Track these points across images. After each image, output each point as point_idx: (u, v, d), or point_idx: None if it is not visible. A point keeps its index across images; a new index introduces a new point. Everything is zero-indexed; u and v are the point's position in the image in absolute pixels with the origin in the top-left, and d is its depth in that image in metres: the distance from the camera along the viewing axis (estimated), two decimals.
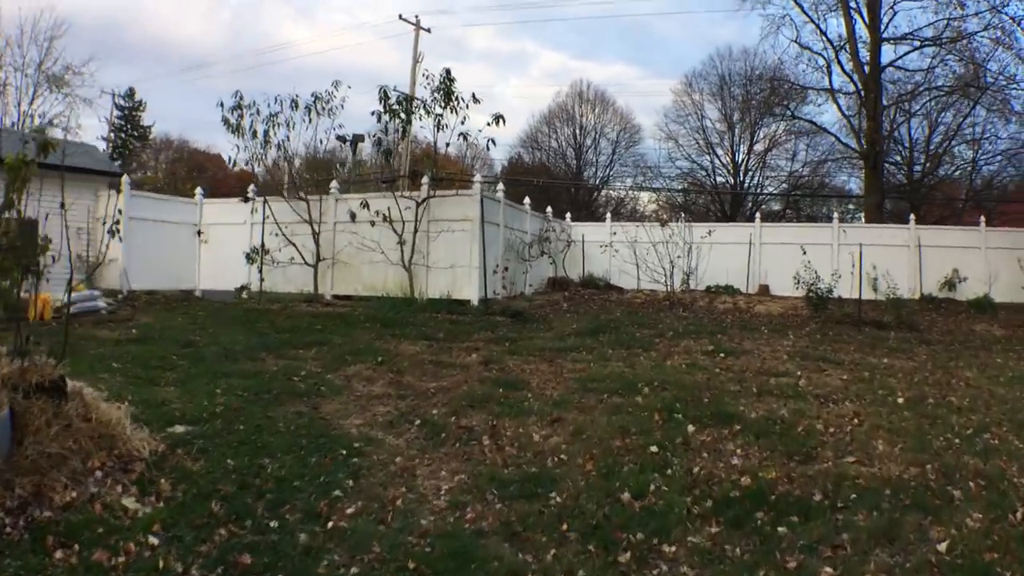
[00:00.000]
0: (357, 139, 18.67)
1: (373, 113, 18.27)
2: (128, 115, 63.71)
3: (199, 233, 22.57)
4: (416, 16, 37.86)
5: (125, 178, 21.06)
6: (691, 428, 7.47)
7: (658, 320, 16.88)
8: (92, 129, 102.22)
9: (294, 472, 6.25)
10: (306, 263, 19.99)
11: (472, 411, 8.10)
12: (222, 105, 19.70)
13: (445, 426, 7.56)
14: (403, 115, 18.23)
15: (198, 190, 23.66)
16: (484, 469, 6.35)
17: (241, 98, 19.76)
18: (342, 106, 19.50)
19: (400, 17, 38.01)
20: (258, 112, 19.81)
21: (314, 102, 19.51)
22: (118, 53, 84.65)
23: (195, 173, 53.77)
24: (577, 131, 56.30)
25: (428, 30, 38.89)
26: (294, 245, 20.06)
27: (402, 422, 7.74)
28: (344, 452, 6.75)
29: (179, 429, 7.44)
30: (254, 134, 19.88)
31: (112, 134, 61.49)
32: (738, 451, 6.90)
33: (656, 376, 10.00)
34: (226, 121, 19.67)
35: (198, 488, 5.84)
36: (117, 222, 9.16)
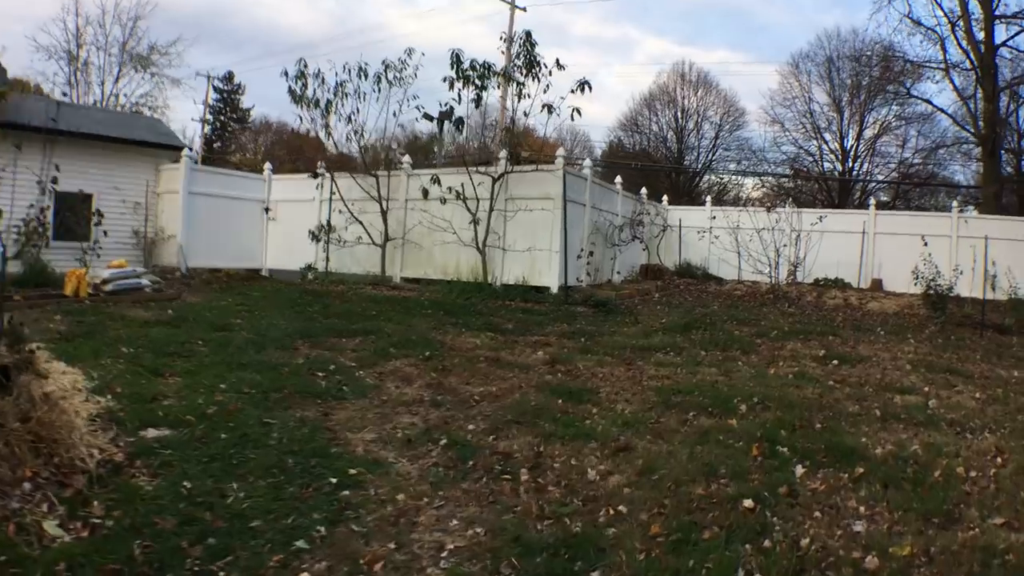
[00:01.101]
0: (445, 115, 16.95)
1: (445, 80, 16.63)
2: (227, 98, 64.40)
3: (267, 210, 21.33)
4: None
5: (186, 151, 19.91)
6: (799, 469, 5.50)
7: (760, 316, 14.80)
8: (187, 111, 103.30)
9: (260, 506, 4.66)
10: (374, 243, 18.53)
11: (517, 429, 6.33)
12: (286, 74, 18.34)
13: (477, 450, 5.81)
14: (477, 81, 16.50)
15: (266, 165, 22.47)
16: (511, 521, 4.54)
17: (305, 66, 18.35)
18: (415, 75, 17.97)
19: None
20: (323, 81, 18.37)
21: (385, 70, 17.96)
22: (222, 38, 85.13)
23: (294, 155, 53.20)
24: (679, 114, 53.55)
25: (524, 9, 37.06)
26: (361, 223, 18.63)
27: (424, 440, 6.02)
28: (334, 481, 5.09)
29: (152, 433, 6.12)
30: (316, 103, 18.43)
31: (211, 116, 61.83)
32: (861, 508, 4.93)
33: (756, 389, 8.06)
34: (291, 91, 18.29)
35: (134, 517, 4.43)
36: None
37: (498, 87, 16.94)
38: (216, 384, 7.58)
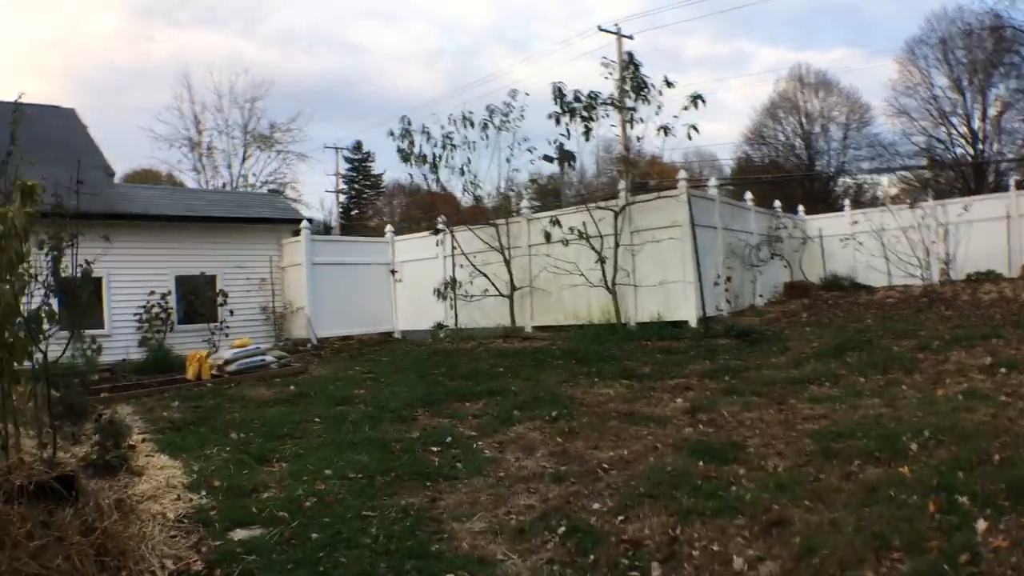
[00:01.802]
0: (565, 156, 16.17)
1: (550, 116, 15.83)
2: (358, 166, 65.93)
3: (392, 272, 20.97)
4: (616, 25, 35.24)
5: (304, 223, 19.82)
6: (981, 524, 4.27)
7: (918, 325, 13.14)
8: (319, 183, 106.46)
9: None
10: (500, 294, 17.82)
11: (650, 506, 5.28)
12: (392, 134, 18.00)
13: (600, 538, 4.81)
14: (584, 112, 15.61)
15: (388, 227, 22.23)
16: None
17: (408, 123, 17.97)
18: (521, 117, 17.25)
19: (600, 28, 35.53)
20: (428, 136, 17.94)
21: (490, 116, 17.35)
22: (346, 109, 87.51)
23: (428, 213, 53.73)
24: (803, 119, 51.29)
25: (630, 37, 36.08)
26: (485, 275, 17.97)
27: (540, 528, 5.07)
28: None
29: (240, 534, 5.50)
30: (423, 159, 17.97)
31: (344, 185, 63.33)
32: None
33: (926, 419, 6.71)
34: (399, 150, 17.92)
35: None
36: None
37: (607, 115, 15.97)
38: (321, 469, 6.96)
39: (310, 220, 21.21)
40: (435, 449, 7.47)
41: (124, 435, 8.73)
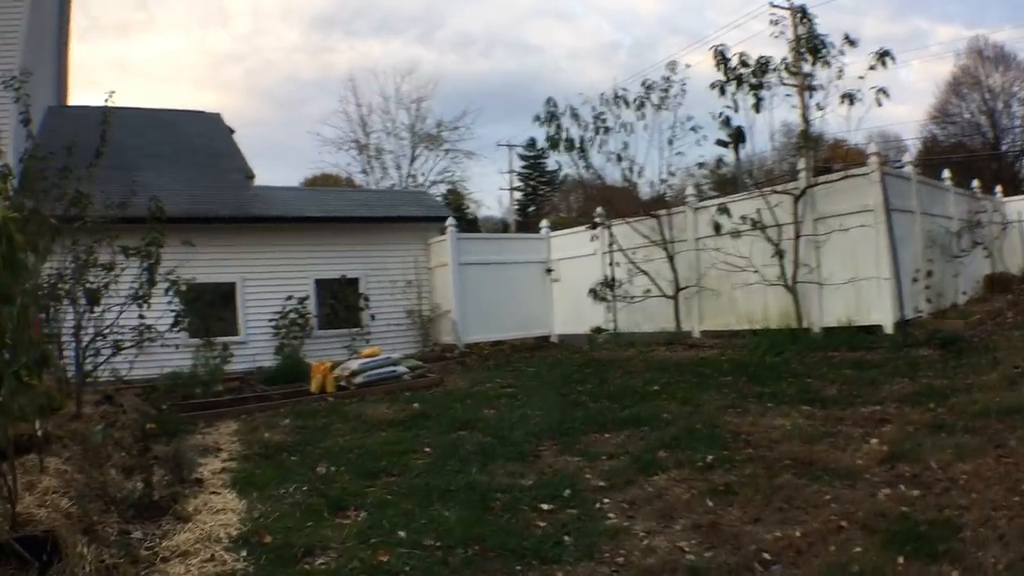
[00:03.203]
0: (732, 132, 14.01)
1: (712, 86, 13.45)
2: (532, 163, 64.81)
3: (549, 271, 19.17)
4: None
5: (450, 221, 18.19)
6: None
7: None
8: (492, 180, 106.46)
9: None
10: (664, 294, 15.71)
11: None
12: (538, 119, 16.16)
13: None
14: (752, 79, 13.28)
15: (543, 223, 20.40)
16: None
17: (554, 106, 16.03)
18: (683, 91, 15.08)
19: (771, 4, 32.62)
20: (576, 118, 16.02)
21: (646, 93, 15.31)
22: (527, 109, 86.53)
23: (605, 208, 52.12)
24: (985, 95, 46.44)
25: (803, 10, 32.84)
26: (646, 274, 15.88)
27: None
28: None
29: None
30: (569, 144, 16.09)
31: (520, 182, 62.60)
32: None
33: None
34: (548, 138, 16.07)
35: None
36: None
37: (781, 85, 13.52)
38: (395, 529, 5.36)
39: (465, 219, 19.86)
40: (545, 507, 5.64)
41: (185, 467, 7.39)
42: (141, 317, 10.10)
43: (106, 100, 10.62)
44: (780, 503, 5.21)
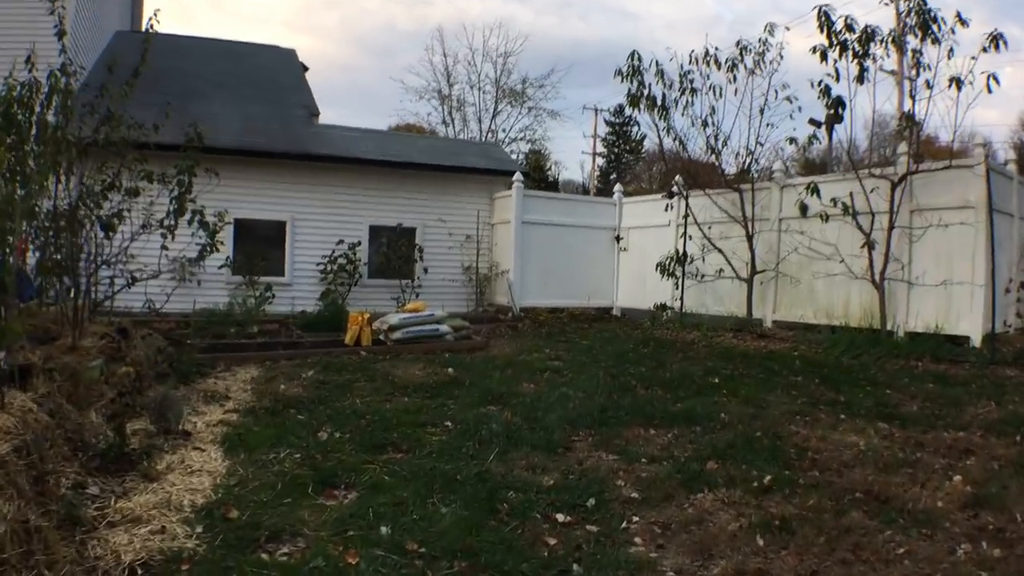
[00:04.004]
0: (836, 104, 12.64)
1: (813, 50, 11.95)
2: (618, 130, 63.37)
3: (618, 239, 18.03)
4: None
5: (517, 176, 17.11)
6: None
7: None
8: (574, 144, 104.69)
9: None
10: (738, 277, 14.52)
11: None
12: (620, 73, 14.80)
13: None
14: (856, 46, 11.83)
15: (616, 187, 19.15)
16: None
17: (637, 59, 14.66)
18: (780, 57, 13.77)
19: None
20: (661, 75, 14.69)
21: (740, 54, 13.98)
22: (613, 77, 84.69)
23: (689, 181, 50.69)
24: None
25: None
26: (721, 252, 14.68)
27: None
28: None
29: None
30: (651, 103, 14.82)
31: (603, 148, 61.28)
32: None
33: None
34: (629, 94, 14.81)
35: None
36: None
37: (887, 56, 12.13)
38: (378, 524, 4.49)
39: (545, 180, 18.81)
40: (561, 519, 4.68)
41: (172, 416, 6.60)
42: (164, 248, 9.33)
43: (150, 20, 9.84)
44: (845, 552, 4.13)
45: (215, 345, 11.13)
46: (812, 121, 13.71)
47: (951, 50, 11.32)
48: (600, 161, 61.54)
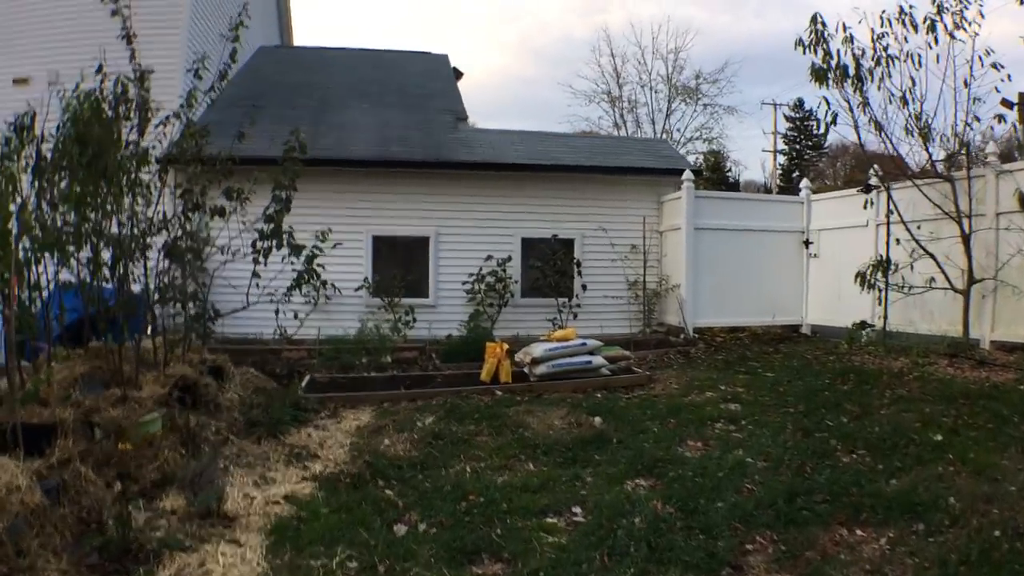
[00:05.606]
0: None
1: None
2: (798, 125, 60.41)
3: (807, 243, 15.58)
4: None
5: (687, 174, 14.94)
6: None
7: None
8: (752, 141, 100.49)
9: None
10: (951, 287, 11.86)
11: None
12: (801, 44, 12.37)
13: None
14: None
15: (803, 183, 16.72)
16: None
17: (822, 23, 12.20)
18: (981, 15, 11.10)
19: None
20: (851, 41, 12.14)
21: (937, 13, 11.39)
22: (797, 74, 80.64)
23: (894, 171, 47.41)
24: None
25: None
26: (932, 257, 12.02)
27: None
28: None
29: None
30: (842, 73, 12.36)
31: (784, 145, 58.51)
32: None
33: None
34: (812, 67, 12.44)
35: None
36: None
37: None
38: None
39: (726, 182, 17.06)
40: None
41: (210, 494, 5.18)
42: (255, 275, 8.15)
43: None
44: None
45: (333, 381, 9.90)
46: (1005, 102, 11.15)
47: None
48: (781, 159, 58.55)
